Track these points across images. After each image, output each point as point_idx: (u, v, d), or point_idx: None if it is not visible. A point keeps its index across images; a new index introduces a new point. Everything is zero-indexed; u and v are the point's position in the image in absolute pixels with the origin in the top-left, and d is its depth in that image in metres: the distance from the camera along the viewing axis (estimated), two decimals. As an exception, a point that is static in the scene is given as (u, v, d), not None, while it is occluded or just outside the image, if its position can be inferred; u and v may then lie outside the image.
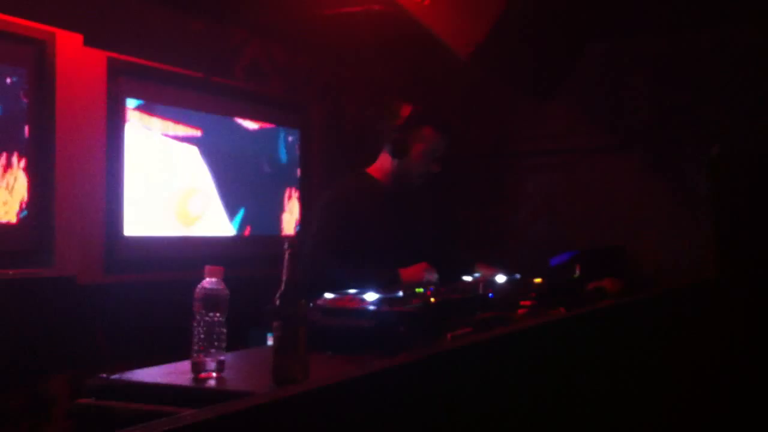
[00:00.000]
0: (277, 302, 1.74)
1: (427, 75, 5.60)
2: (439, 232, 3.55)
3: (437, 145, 3.27)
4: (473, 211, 6.04)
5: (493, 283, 2.88)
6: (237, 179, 5.02)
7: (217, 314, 1.82)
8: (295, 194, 5.46)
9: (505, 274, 3.03)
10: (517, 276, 3.06)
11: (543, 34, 3.94)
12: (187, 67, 4.65)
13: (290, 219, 5.43)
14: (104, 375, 1.83)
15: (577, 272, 3.33)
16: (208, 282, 1.83)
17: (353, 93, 5.90)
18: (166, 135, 4.52)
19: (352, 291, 2.35)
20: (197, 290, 1.82)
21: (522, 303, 2.80)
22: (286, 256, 1.77)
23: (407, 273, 2.98)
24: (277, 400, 1.19)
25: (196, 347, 1.82)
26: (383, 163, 3.32)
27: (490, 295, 2.66)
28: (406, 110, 3.24)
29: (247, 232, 5.06)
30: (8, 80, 3.74)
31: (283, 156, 5.40)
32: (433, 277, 2.96)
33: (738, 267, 4.79)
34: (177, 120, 4.60)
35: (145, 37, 4.41)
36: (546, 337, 2.32)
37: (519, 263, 3.42)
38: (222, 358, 1.83)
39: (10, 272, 3.66)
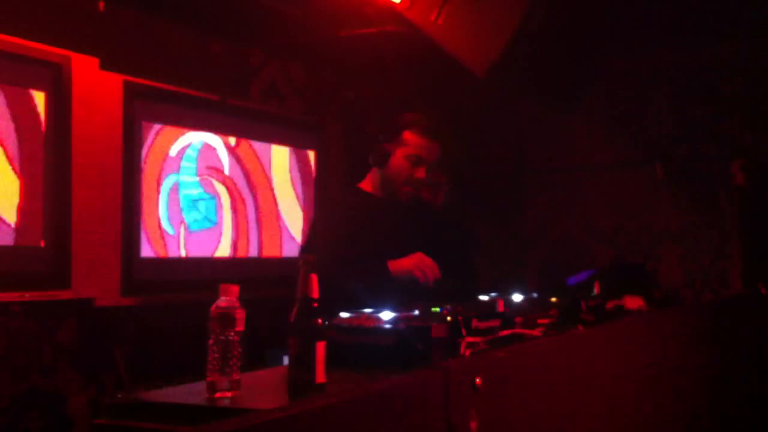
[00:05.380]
0: (293, 319, 1.73)
1: (446, 93, 5.59)
2: (446, 243, 3.49)
3: (418, 149, 3.18)
4: (493, 228, 6.01)
5: (511, 301, 2.85)
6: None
7: (232, 333, 1.80)
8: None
9: (522, 293, 3.00)
10: (535, 295, 3.02)
11: (559, 50, 3.92)
12: (203, 90, 4.67)
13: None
14: (120, 395, 1.82)
15: (596, 291, 3.30)
16: (223, 300, 1.81)
17: (373, 112, 5.89)
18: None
19: (367, 310, 2.33)
20: (212, 309, 1.81)
21: (540, 321, 2.76)
22: (301, 273, 1.76)
23: (395, 264, 2.97)
24: (280, 417, 1.16)
25: (211, 366, 1.80)
26: (373, 176, 3.28)
27: (508, 312, 2.63)
28: (389, 119, 3.22)
29: (264, 253, 5.06)
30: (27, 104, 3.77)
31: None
32: (423, 263, 2.94)
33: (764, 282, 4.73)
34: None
35: (162, 60, 4.43)
36: (563, 353, 2.30)
37: (538, 281, 3.40)
38: (237, 377, 1.81)
39: (27, 295, 3.68)
